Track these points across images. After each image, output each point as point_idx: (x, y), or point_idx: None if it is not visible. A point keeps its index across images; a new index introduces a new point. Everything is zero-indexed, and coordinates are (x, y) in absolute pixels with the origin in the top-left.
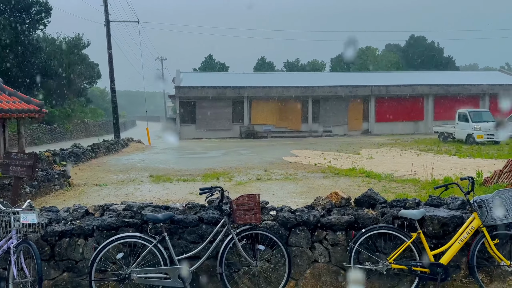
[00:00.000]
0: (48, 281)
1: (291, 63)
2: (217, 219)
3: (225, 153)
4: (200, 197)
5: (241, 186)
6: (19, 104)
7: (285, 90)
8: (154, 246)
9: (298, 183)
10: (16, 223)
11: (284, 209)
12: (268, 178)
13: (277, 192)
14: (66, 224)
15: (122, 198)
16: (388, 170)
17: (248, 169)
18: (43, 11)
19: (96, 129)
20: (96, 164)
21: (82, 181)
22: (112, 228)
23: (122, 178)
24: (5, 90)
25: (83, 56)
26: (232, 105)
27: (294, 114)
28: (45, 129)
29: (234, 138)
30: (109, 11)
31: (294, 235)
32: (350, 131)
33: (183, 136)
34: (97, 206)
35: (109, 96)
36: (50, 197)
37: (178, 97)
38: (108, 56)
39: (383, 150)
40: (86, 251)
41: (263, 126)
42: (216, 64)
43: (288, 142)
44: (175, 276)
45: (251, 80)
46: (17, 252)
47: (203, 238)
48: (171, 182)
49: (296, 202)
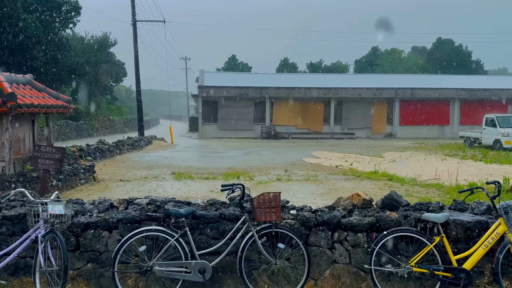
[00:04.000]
0: (73, 271)
1: (314, 64)
2: (238, 216)
3: (246, 153)
4: (221, 195)
5: (262, 186)
6: (48, 99)
7: (307, 91)
8: (176, 240)
9: (319, 185)
10: (44, 213)
11: (305, 209)
12: (289, 178)
13: (297, 193)
14: (91, 216)
15: (145, 194)
16: (411, 174)
17: (268, 169)
18: (73, 10)
19: (121, 126)
20: (120, 160)
21: (107, 176)
22: (135, 221)
23: (145, 174)
24: (35, 86)
25: (110, 54)
26: (254, 105)
27: (316, 115)
28: (71, 125)
29: (255, 138)
30: (135, 11)
31: (314, 235)
32: (373, 134)
33: (205, 135)
34: (122, 200)
35: (134, 94)
36: (75, 191)
37: (201, 97)
38: (134, 55)
39: (407, 153)
40: (110, 243)
41: (284, 127)
42: (239, 64)
43: (309, 143)
44: (195, 270)
45: (274, 80)
46: (44, 241)
47: (223, 234)
48: (192, 180)
49: (317, 203)
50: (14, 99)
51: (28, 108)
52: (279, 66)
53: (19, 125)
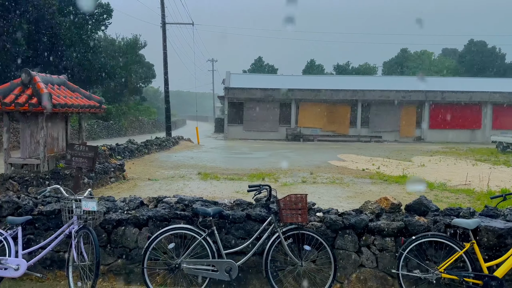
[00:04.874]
0: (104, 266)
1: (341, 66)
2: (264, 217)
3: (271, 155)
4: (247, 195)
5: (286, 188)
6: (81, 100)
7: (334, 93)
8: (204, 239)
9: (345, 188)
10: (77, 210)
11: (331, 211)
12: (314, 181)
13: (322, 196)
14: (122, 213)
15: (172, 193)
16: (441, 179)
17: (293, 171)
18: (105, 12)
19: (149, 127)
20: (148, 159)
21: (136, 175)
22: (164, 219)
23: (173, 174)
24: (69, 86)
25: (140, 56)
26: (279, 107)
27: (343, 118)
28: (102, 125)
29: (280, 140)
30: (165, 13)
31: (340, 238)
32: (401, 137)
33: (230, 136)
34: (152, 198)
35: (162, 95)
36: (106, 189)
37: (227, 98)
38: (163, 57)
39: (436, 158)
40: (140, 239)
41: (310, 129)
42: (265, 66)
43: (335, 146)
44: (222, 269)
45: (300, 82)
46: (78, 237)
47: (249, 234)
48: (218, 180)
49: (342, 206)
50: (49, 99)
51: (62, 108)
52: (305, 68)
53: (53, 124)
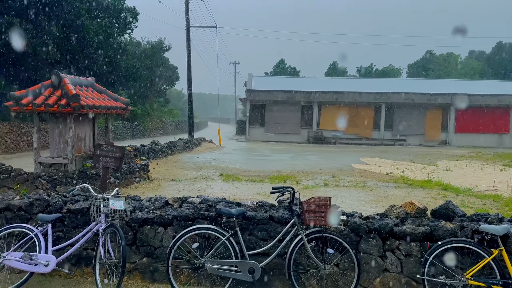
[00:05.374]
0: (130, 264)
1: (364, 68)
2: (287, 219)
3: (292, 157)
4: (269, 197)
5: (308, 190)
6: (108, 101)
7: (356, 95)
8: (227, 239)
9: (368, 192)
10: (105, 208)
11: (355, 215)
12: (336, 184)
13: (345, 199)
14: (148, 213)
15: (195, 194)
16: (467, 184)
17: (315, 174)
18: (131, 16)
19: (172, 128)
20: (171, 160)
21: (159, 175)
22: (189, 219)
23: (195, 175)
24: (96, 88)
25: (164, 59)
26: (301, 110)
27: (366, 121)
28: (127, 126)
29: (302, 142)
30: (189, 17)
31: (364, 242)
32: (426, 141)
33: (252, 138)
34: (176, 198)
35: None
36: (131, 188)
37: (249, 100)
38: (187, 60)
39: (462, 162)
40: (165, 239)
41: (332, 132)
42: (287, 68)
43: (358, 149)
44: (245, 270)
45: (322, 85)
46: (105, 235)
47: (272, 236)
48: (239, 182)
49: (366, 210)
50: (77, 100)
51: (90, 109)
52: (328, 70)
53: (81, 125)
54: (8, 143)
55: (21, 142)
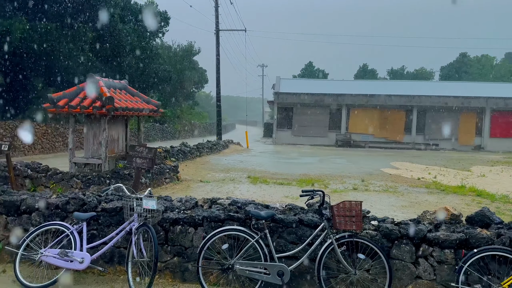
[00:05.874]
0: (161, 263)
1: (395, 70)
2: (317, 223)
3: (320, 160)
4: (297, 200)
5: (337, 194)
6: (140, 104)
7: (387, 98)
8: (256, 241)
9: (399, 197)
10: (138, 208)
11: (387, 220)
12: (366, 188)
13: (375, 204)
14: (179, 213)
15: (223, 195)
16: (503, 190)
17: (344, 178)
18: (163, 20)
19: (201, 130)
20: (200, 162)
21: (188, 176)
22: (218, 220)
23: (223, 176)
24: (129, 90)
25: (194, 62)
26: (329, 113)
27: (396, 124)
28: (157, 127)
29: (330, 146)
30: (219, 20)
31: (396, 248)
32: (460, 145)
33: (279, 141)
34: (206, 199)
35: (213, 100)
36: (161, 189)
37: (277, 103)
38: (216, 63)
39: (498, 168)
40: (195, 239)
41: (361, 135)
42: (316, 71)
43: (388, 153)
44: (274, 272)
45: (351, 87)
46: (138, 234)
47: (301, 239)
48: (267, 184)
49: (397, 216)
50: (111, 103)
51: (123, 111)
52: (357, 73)
53: (114, 126)
54: (44, 144)
55: (56, 142)
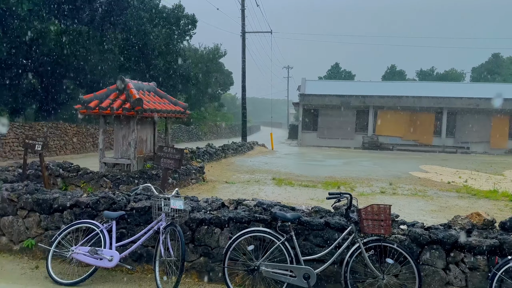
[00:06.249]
0: (187, 262)
1: (424, 72)
2: (344, 226)
3: (346, 163)
4: (322, 203)
5: (364, 198)
6: (168, 105)
7: (416, 100)
8: (282, 243)
9: (428, 201)
10: (166, 207)
11: (416, 225)
12: (394, 192)
13: (403, 208)
14: (205, 213)
15: (248, 196)
16: None
17: (371, 181)
18: (190, 23)
19: (226, 132)
20: (225, 163)
21: (214, 177)
22: (244, 221)
23: (248, 178)
24: (157, 92)
25: (220, 64)
26: (356, 114)
27: (425, 126)
28: (184, 129)
29: (356, 148)
30: (245, 23)
31: (426, 253)
32: (492, 149)
33: (304, 143)
34: (232, 200)
35: (238, 101)
36: (187, 189)
37: (302, 105)
38: (242, 65)
39: None
40: (221, 239)
41: (388, 138)
42: (342, 72)
43: (417, 156)
44: (300, 275)
45: (378, 89)
46: (165, 233)
47: (328, 242)
48: (292, 186)
49: (426, 220)
50: (140, 104)
51: (151, 113)
52: (385, 74)
53: (143, 127)
54: (75, 144)
55: (87, 143)
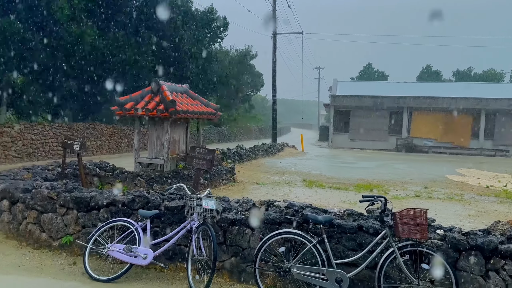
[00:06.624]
0: (219, 262)
1: (462, 72)
2: (378, 230)
3: (379, 165)
4: (354, 206)
5: (398, 201)
6: (200, 107)
7: (452, 101)
8: (314, 246)
9: (465, 205)
10: (198, 207)
11: (454, 230)
12: (429, 196)
13: (439, 212)
14: (236, 214)
15: (278, 198)
16: None
17: (405, 184)
18: (222, 26)
19: (256, 133)
20: (255, 164)
21: (244, 178)
22: (275, 222)
23: (278, 179)
24: (190, 94)
25: (250, 66)
26: (389, 116)
27: (462, 128)
28: (214, 130)
29: (389, 150)
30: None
31: (464, 259)
32: None
33: (335, 144)
34: (263, 201)
35: (268, 103)
36: (218, 190)
37: (333, 106)
38: (273, 67)
39: None
40: (252, 240)
41: (423, 140)
42: (375, 73)
43: (453, 159)
44: (332, 279)
45: (413, 89)
46: (198, 232)
47: (361, 246)
48: (323, 188)
49: (463, 225)
50: (174, 106)
51: (184, 114)
52: (420, 74)
53: (176, 128)
54: (111, 144)
55: (122, 143)
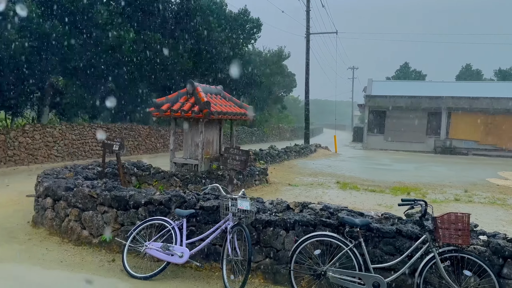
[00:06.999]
0: (253, 263)
1: (504, 71)
2: (417, 234)
3: (416, 168)
4: (391, 209)
5: (436, 205)
6: (234, 108)
7: (494, 101)
8: (350, 250)
9: (508, 210)
10: (233, 207)
11: (498, 236)
12: (469, 200)
13: (480, 217)
14: (271, 215)
15: (311, 199)
16: None
17: (443, 187)
18: (255, 27)
19: (288, 134)
20: (287, 165)
21: (276, 179)
22: (310, 224)
23: (311, 181)
24: (224, 95)
25: (283, 66)
26: (427, 116)
27: (506, 130)
28: (247, 131)
29: (427, 152)
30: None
31: (509, 267)
32: None
33: (370, 146)
34: (297, 203)
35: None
36: (251, 190)
37: (368, 106)
38: (306, 67)
39: None
40: (287, 242)
41: (463, 142)
42: (412, 72)
43: (495, 162)
44: (369, 283)
45: (451, 89)
46: (232, 233)
47: (399, 251)
48: (357, 191)
49: (506, 231)
50: (208, 107)
51: (218, 115)
52: (459, 74)
53: (210, 129)
54: (148, 145)
55: (158, 143)
